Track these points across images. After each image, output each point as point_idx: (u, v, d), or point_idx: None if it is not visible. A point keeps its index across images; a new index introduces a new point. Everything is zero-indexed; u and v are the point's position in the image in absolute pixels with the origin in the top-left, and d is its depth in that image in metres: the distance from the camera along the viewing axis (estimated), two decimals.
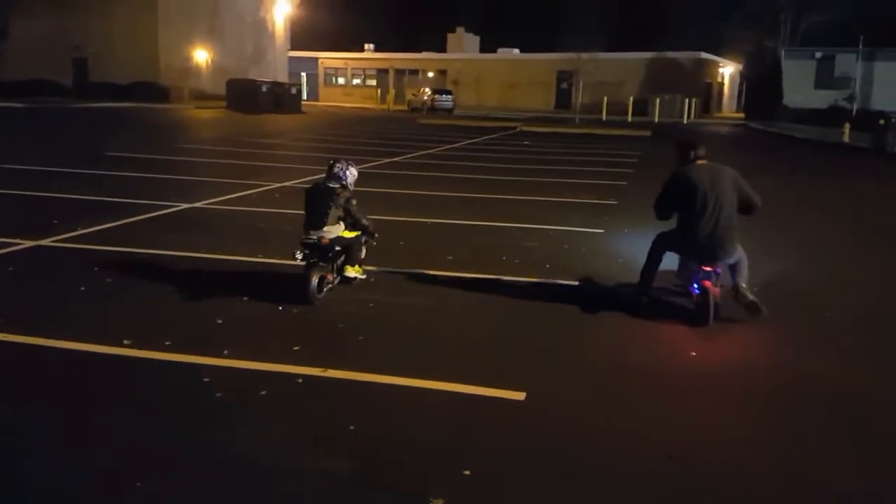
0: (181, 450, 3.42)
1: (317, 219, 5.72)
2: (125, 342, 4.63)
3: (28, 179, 11.30)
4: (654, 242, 5.85)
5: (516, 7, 69.87)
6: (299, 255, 5.57)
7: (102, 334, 4.74)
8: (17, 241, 7.18)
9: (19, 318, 5.06)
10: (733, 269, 5.58)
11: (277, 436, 3.58)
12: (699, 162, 5.77)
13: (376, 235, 6.15)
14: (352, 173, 6.05)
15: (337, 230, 5.77)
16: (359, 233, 5.97)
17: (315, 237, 5.65)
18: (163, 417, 3.74)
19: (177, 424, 3.67)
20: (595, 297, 6.10)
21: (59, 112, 29.78)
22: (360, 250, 6.06)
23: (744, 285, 5.51)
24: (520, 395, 4.05)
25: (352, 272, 5.90)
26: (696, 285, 5.46)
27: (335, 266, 5.80)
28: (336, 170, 5.96)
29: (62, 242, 7.30)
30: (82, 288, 5.80)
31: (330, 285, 5.73)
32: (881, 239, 9.48)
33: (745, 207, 5.61)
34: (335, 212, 5.73)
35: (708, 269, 5.38)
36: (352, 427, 3.64)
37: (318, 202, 5.77)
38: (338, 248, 5.75)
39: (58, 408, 3.83)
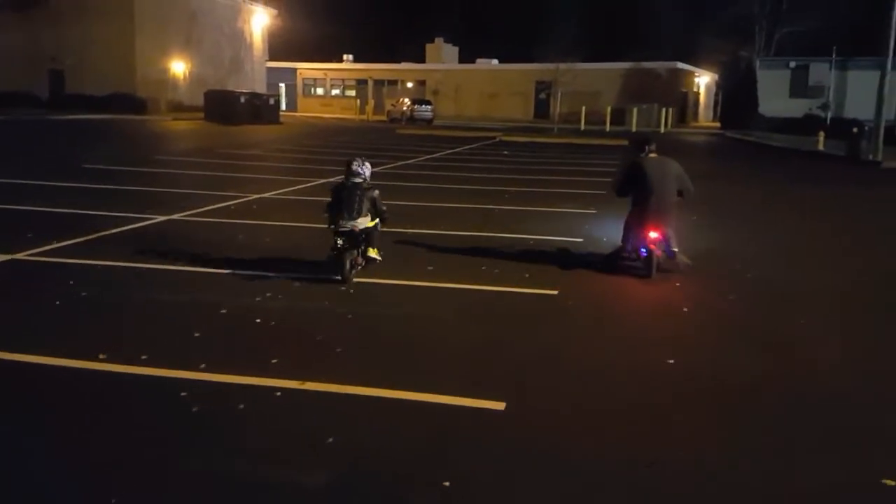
0: (157, 465, 3.38)
1: (352, 210, 6.54)
2: (101, 356, 4.57)
3: (2, 192, 11.15)
4: (626, 222, 7.36)
5: (494, 18, 70.28)
6: (340, 241, 6.44)
7: (77, 349, 4.68)
8: None
9: None
10: (669, 237, 7.11)
11: (255, 449, 3.54)
12: (651, 155, 7.31)
13: (387, 219, 7.00)
14: (368, 168, 6.97)
15: (366, 220, 6.62)
16: (377, 221, 6.79)
17: (349, 226, 6.48)
18: (138, 432, 3.69)
19: (153, 439, 3.62)
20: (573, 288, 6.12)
21: (34, 124, 29.44)
22: (379, 236, 6.87)
23: (675, 249, 7.12)
24: (500, 405, 4.04)
25: (374, 254, 6.76)
26: (643, 249, 7.07)
27: (360, 250, 6.66)
28: (354, 167, 6.84)
29: (37, 256, 7.20)
30: (57, 302, 5.73)
31: (359, 266, 6.63)
32: (837, 232, 9.62)
33: (682, 193, 7.24)
34: (366, 204, 6.62)
35: (653, 236, 6.95)
36: (330, 440, 3.61)
37: (351, 197, 6.62)
38: (365, 235, 6.62)
39: (31, 423, 3.77)
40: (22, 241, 7.68)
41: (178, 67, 41.95)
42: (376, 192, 6.78)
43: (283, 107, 50.98)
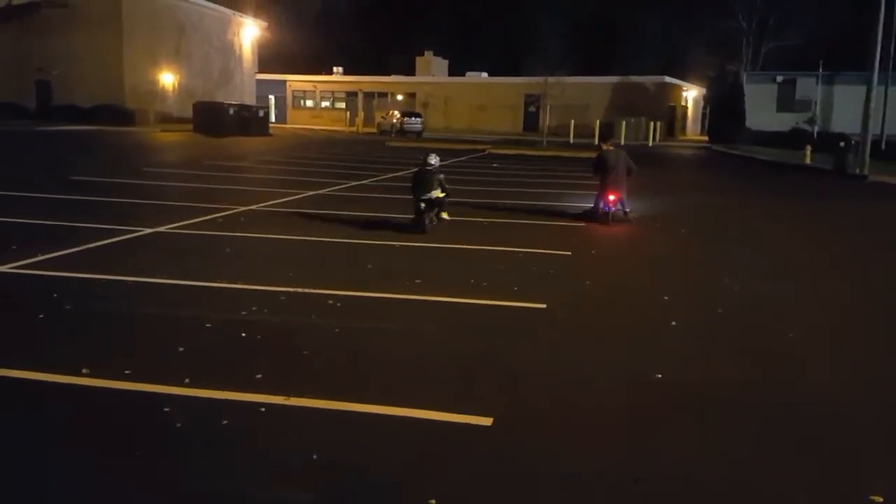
0: (139, 481, 3.32)
1: (430, 187, 9.98)
2: (84, 371, 4.51)
3: None
4: (599, 191, 11.44)
5: (484, 32, 70.67)
6: (422, 206, 9.89)
7: (60, 363, 4.62)
8: None
9: None
10: (622, 200, 11.35)
11: (239, 466, 3.50)
12: (609, 147, 11.87)
13: (450, 193, 10.37)
14: (436, 158, 10.42)
15: (438, 192, 10.04)
16: (445, 193, 10.19)
17: (430, 195, 9.91)
18: (121, 448, 3.64)
19: (135, 455, 3.56)
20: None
21: (21, 135, 29.27)
22: (446, 203, 10.35)
23: (627, 209, 11.44)
24: (487, 421, 4.01)
25: (445, 215, 10.32)
26: (605, 208, 11.24)
27: (436, 213, 10.12)
28: (429, 159, 10.31)
29: (22, 269, 7.13)
30: (41, 315, 5.66)
31: (434, 222, 10.07)
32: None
33: (630, 171, 11.36)
34: (436, 182, 10.05)
35: (612, 198, 11.19)
36: (315, 456, 3.57)
37: (429, 177, 10.07)
38: (438, 201, 10.09)
39: (11, 438, 3.70)
40: (7, 253, 7.60)
41: (167, 79, 41.86)
42: (442, 175, 10.34)
43: (273, 119, 51.01)
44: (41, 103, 39.57)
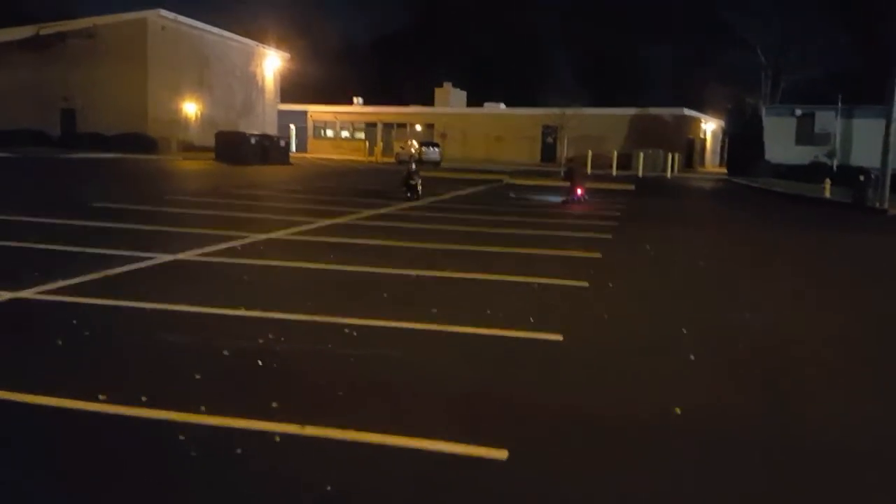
0: None
1: (414, 179, 18.17)
2: (100, 397, 4.53)
3: (10, 230, 11.23)
4: (569, 188, 20.27)
5: (502, 63, 71.35)
6: (410, 185, 17.84)
7: (77, 389, 4.64)
8: None
9: None
10: (584, 191, 20.22)
11: (252, 497, 3.48)
12: (572, 163, 26.66)
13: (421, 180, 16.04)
14: (416, 167, 17.68)
15: (419, 179, 17.95)
16: (420, 181, 17.07)
17: (412, 183, 17.11)
18: (134, 475, 3.64)
19: (148, 483, 3.56)
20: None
21: (45, 162, 29.79)
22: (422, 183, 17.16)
23: (586, 197, 20.09)
24: (502, 454, 3.98)
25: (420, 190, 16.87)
26: (574, 197, 19.90)
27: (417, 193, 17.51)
28: (412, 167, 17.35)
29: (42, 295, 7.20)
30: (59, 342, 5.71)
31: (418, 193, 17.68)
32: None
33: (585, 176, 22.05)
34: (417, 176, 17.02)
35: (579, 192, 20.03)
36: (328, 487, 3.55)
37: (413, 175, 17.98)
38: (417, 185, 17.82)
39: (25, 464, 3.72)
40: (28, 279, 7.69)
41: (190, 108, 42.57)
42: (420, 175, 17.56)
43: (294, 148, 51.60)
44: (66, 131, 40.33)
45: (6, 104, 39.46)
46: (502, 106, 57.87)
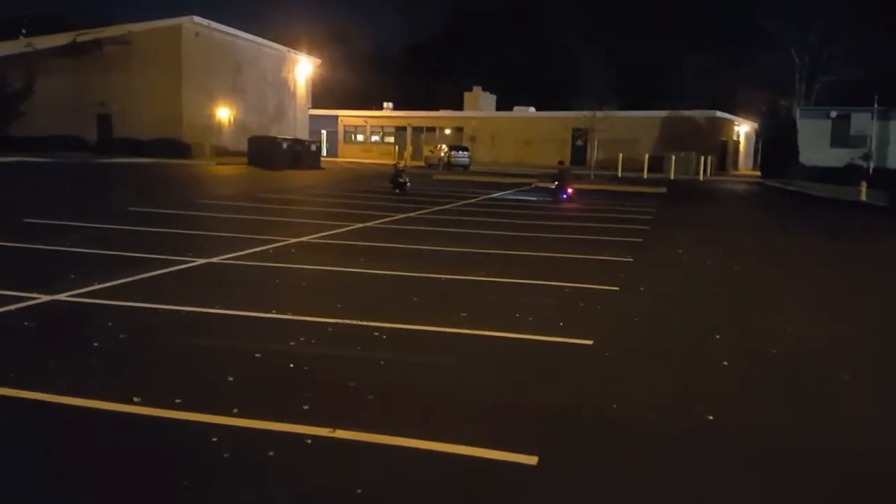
0: None
1: (402, 177, 22.17)
2: (135, 399, 4.60)
3: (48, 233, 11.46)
4: (557, 186, 22.29)
5: (532, 68, 71.16)
6: (399, 182, 21.70)
7: (112, 390, 4.72)
8: (34, 295, 7.23)
9: (31, 372, 5.06)
10: (571, 189, 22.38)
11: (284, 499, 3.51)
12: (562, 165, 24.72)
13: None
14: (403, 167, 22.14)
15: (407, 179, 21.39)
16: (406, 179, 21.10)
17: (400, 181, 21.64)
18: (168, 476, 3.69)
19: (182, 484, 3.61)
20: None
21: (82, 167, 30.36)
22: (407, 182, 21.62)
23: (572, 195, 22.06)
24: (532, 460, 3.96)
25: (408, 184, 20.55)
26: (564, 195, 21.97)
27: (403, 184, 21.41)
28: (399, 167, 22.54)
29: (78, 297, 7.34)
30: (95, 343, 5.81)
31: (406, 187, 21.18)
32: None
33: (572, 177, 24.06)
34: (404, 175, 20.87)
35: (570, 191, 22.25)
36: (359, 491, 3.57)
37: (398, 172, 22.28)
38: (404, 184, 21.87)
39: (63, 465, 3.79)
40: (65, 281, 7.85)
41: (223, 114, 43.09)
42: (406, 173, 21.97)
43: (325, 153, 52.03)
44: (102, 136, 41.04)
45: (46, 110, 40.27)
46: (532, 109, 57.74)
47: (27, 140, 37.57)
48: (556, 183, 22.34)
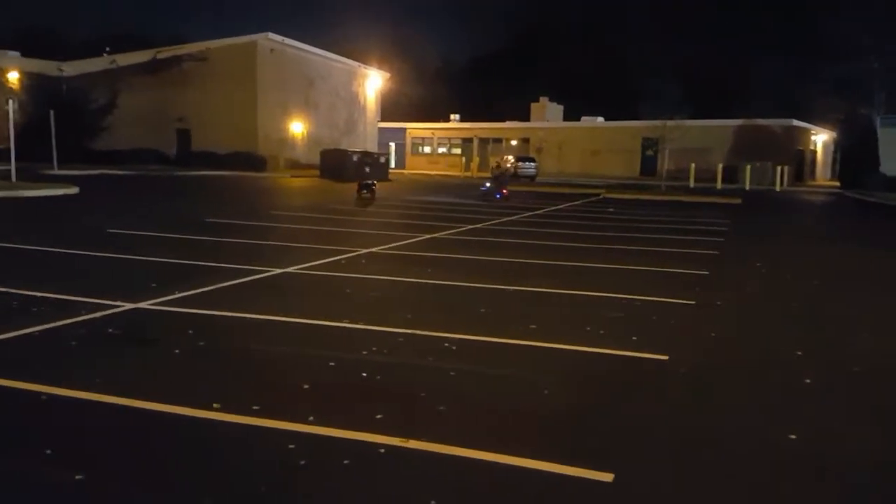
0: None
1: (370, 181, 21.58)
2: (215, 406, 4.72)
3: (130, 243, 11.92)
4: (497, 187, 25.96)
5: (601, 78, 70.47)
6: (363, 190, 21.32)
7: (193, 397, 4.86)
8: (118, 303, 7.52)
9: (115, 379, 5.26)
10: (507, 191, 26.04)
11: None
12: (499, 168, 35.55)
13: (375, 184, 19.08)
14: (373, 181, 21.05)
15: (374, 182, 18.82)
16: (374, 183, 19.23)
17: (368, 183, 21.29)
18: (245, 482, 3.77)
19: (258, 491, 3.68)
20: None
21: (162, 179, 31.52)
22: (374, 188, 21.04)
23: (508, 196, 25.55)
24: (607, 477, 3.90)
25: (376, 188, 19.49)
26: (498, 195, 25.30)
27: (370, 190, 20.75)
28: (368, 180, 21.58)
29: (159, 305, 7.60)
30: (176, 351, 6.00)
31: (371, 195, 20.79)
32: None
33: (507, 179, 28.81)
34: (371, 183, 19.18)
35: (505, 192, 25.71)
36: (432, 502, 3.58)
37: (369, 183, 20.89)
38: (371, 186, 22.07)
39: (142, 469, 3.92)
40: (146, 290, 8.14)
41: (297, 128, 44.16)
42: (375, 182, 22.10)
43: (393, 164, 52.66)
44: (181, 150, 42.59)
45: (128, 125, 42.09)
46: (600, 119, 57.14)
47: (110, 153, 39.31)
48: (489, 185, 26.45)
